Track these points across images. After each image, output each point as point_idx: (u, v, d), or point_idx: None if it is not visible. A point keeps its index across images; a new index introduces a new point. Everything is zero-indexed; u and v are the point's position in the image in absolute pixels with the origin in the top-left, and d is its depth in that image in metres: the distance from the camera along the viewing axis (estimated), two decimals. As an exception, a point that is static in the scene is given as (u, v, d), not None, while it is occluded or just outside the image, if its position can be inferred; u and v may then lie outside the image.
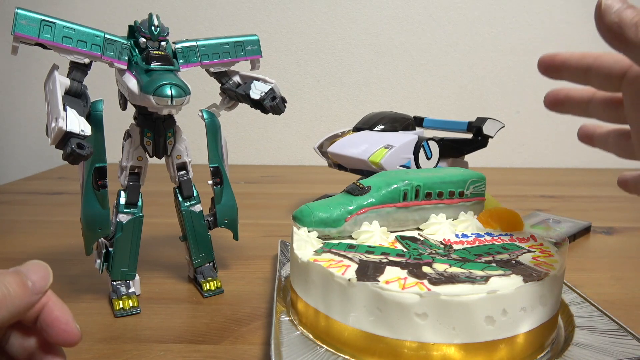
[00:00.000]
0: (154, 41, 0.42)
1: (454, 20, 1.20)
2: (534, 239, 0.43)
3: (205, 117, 0.49)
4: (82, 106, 0.39)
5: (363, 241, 0.42)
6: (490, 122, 0.69)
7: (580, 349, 0.35)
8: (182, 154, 0.47)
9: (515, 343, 0.33)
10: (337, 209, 0.43)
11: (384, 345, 0.33)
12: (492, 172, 0.73)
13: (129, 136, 0.45)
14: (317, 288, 0.36)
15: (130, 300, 0.45)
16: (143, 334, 0.42)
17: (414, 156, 0.65)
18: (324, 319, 0.36)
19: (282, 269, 0.49)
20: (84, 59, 0.41)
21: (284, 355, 0.34)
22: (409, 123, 0.72)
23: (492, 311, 0.32)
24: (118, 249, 0.45)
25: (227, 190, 0.50)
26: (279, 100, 0.49)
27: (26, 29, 0.37)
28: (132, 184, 0.45)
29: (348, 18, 1.21)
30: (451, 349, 0.32)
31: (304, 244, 0.40)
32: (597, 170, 1.18)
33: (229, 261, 0.57)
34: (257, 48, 0.49)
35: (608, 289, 0.50)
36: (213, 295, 0.49)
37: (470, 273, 0.35)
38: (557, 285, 0.35)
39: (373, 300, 0.33)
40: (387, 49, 1.22)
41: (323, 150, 0.72)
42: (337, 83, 1.24)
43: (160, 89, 0.39)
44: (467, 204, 0.48)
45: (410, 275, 0.34)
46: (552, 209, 0.82)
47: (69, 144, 0.35)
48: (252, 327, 0.43)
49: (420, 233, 0.45)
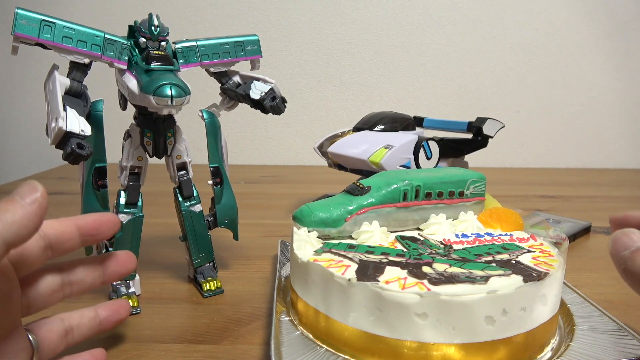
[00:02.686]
0: (154, 41, 0.42)
1: (454, 20, 1.20)
2: (534, 239, 0.43)
3: (205, 117, 0.49)
4: (82, 106, 0.40)
5: (363, 241, 0.42)
6: (490, 122, 0.69)
7: (580, 349, 0.35)
8: (182, 154, 0.47)
9: (515, 343, 0.33)
10: (337, 209, 0.43)
11: (384, 345, 0.33)
12: (492, 172, 0.73)
13: (129, 136, 0.45)
14: (317, 288, 0.36)
15: (130, 300, 0.45)
16: (143, 334, 0.42)
17: (414, 156, 0.65)
18: (324, 319, 0.36)
19: (282, 269, 0.49)
20: (84, 59, 0.41)
21: (284, 355, 0.34)
22: (409, 123, 0.72)
23: (492, 311, 0.32)
24: (118, 249, 0.45)
25: (227, 190, 0.50)
26: (279, 100, 0.49)
27: (26, 29, 0.37)
28: (132, 184, 0.45)
29: (348, 18, 1.21)
30: (451, 349, 0.32)
31: (304, 244, 0.40)
32: (597, 170, 1.18)
33: (229, 261, 0.57)
34: (257, 48, 0.49)
35: (608, 289, 0.50)
36: (213, 295, 0.49)
37: (470, 273, 0.35)
38: (557, 285, 0.35)
39: (373, 300, 0.33)
40: (387, 49, 1.22)
41: (323, 150, 0.72)
42: (337, 83, 1.24)
43: (160, 89, 0.39)
44: (467, 204, 0.48)
45: (410, 275, 0.34)
46: (552, 209, 0.82)
47: (69, 144, 0.35)
48: (252, 327, 0.43)
49: (420, 233, 0.45)
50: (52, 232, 0.30)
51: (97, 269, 0.34)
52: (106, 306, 0.36)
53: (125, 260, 0.36)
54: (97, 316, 0.35)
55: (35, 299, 0.31)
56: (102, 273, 0.34)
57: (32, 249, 0.29)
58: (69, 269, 0.33)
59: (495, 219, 0.46)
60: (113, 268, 0.35)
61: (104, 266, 0.34)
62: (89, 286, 0.34)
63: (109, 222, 0.33)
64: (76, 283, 0.33)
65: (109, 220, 0.33)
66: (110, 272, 0.35)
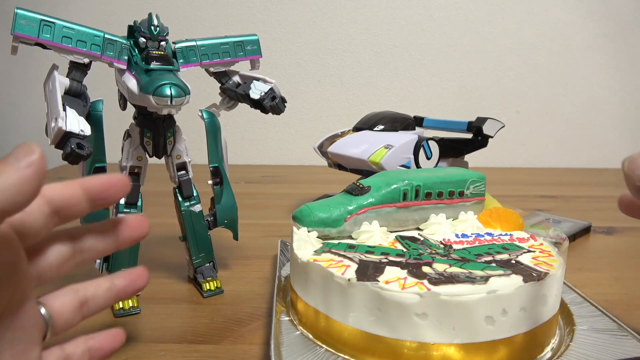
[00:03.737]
0: (153, 41, 0.42)
1: (454, 20, 1.20)
2: (534, 239, 0.43)
3: (205, 117, 0.49)
4: (81, 106, 0.40)
5: (363, 241, 0.42)
6: (490, 122, 0.69)
7: (580, 349, 0.35)
8: (182, 154, 0.47)
9: (515, 343, 0.33)
10: (337, 209, 0.43)
11: (383, 345, 0.33)
12: (492, 172, 0.73)
13: (128, 136, 0.45)
14: (317, 288, 0.36)
15: (130, 300, 0.45)
16: (143, 334, 0.41)
17: (414, 156, 0.65)
18: (324, 319, 0.36)
19: (282, 269, 0.49)
20: (83, 59, 0.41)
21: (284, 355, 0.34)
22: (409, 123, 0.72)
23: (492, 311, 0.32)
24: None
25: (227, 190, 0.50)
26: (278, 100, 0.48)
27: (26, 29, 0.37)
28: (131, 184, 0.45)
29: (348, 18, 1.21)
30: (451, 349, 0.32)
31: (304, 244, 0.40)
32: (597, 170, 1.17)
33: (229, 261, 0.57)
34: (257, 48, 0.49)
35: (608, 289, 0.50)
36: (213, 295, 0.49)
37: (470, 273, 0.35)
38: (557, 285, 0.35)
39: (373, 300, 0.33)
40: (387, 49, 1.22)
41: (323, 150, 0.72)
42: (337, 83, 1.24)
43: (160, 89, 0.39)
44: (467, 204, 0.48)
45: (410, 275, 0.34)
46: (552, 209, 0.82)
47: (69, 144, 0.35)
48: (252, 327, 0.43)
49: (420, 233, 0.45)
50: (57, 197, 0.28)
51: (110, 234, 0.32)
52: (123, 275, 0.34)
53: (137, 223, 0.33)
54: (113, 286, 0.33)
55: (44, 270, 0.29)
56: (116, 238, 0.32)
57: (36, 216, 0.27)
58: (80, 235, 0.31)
59: (495, 219, 0.46)
60: (127, 232, 0.33)
61: (117, 230, 0.32)
62: (101, 252, 0.32)
63: (118, 183, 0.31)
64: (88, 250, 0.31)
65: (119, 181, 0.31)
66: (124, 236, 0.33)
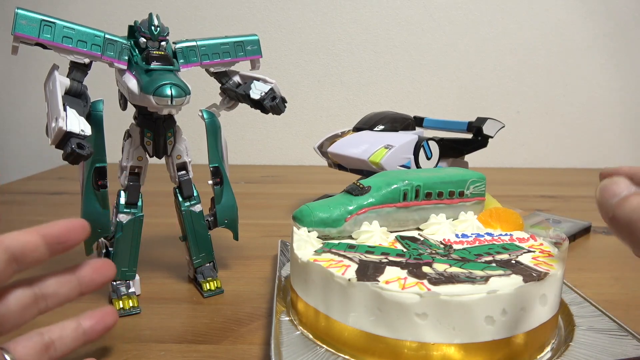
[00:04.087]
0: (154, 41, 0.42)
1: (454, 20, 1.20)
2: (534, 239, 0.43)
3: (205, 117, 0.49)
4: (82, 106, 0.39)
5: (363, 241, 0.42)
6: (490, 122, 0.69)
7: (580, 349, 0.35)
8: (182, 154, 0.47)
9: (515, 343, 0.33)
10: (337, 209, 0.43)
11: (384, 345, 0.33)
12: (492, 172, 0.73)
13: (129, 136, 0.45)
14: (317, 288, 0.36)
15: (130, 300, 0.45)
16: (143, 334, 0.42)
17: (414, 156, 0.65)
18: (324, 319, 0.36)
19: (282, 269, 0.49)
20: (84, 59, 0.41)
21: (284, 355, 0.34)
22: (409, 123, 0.72)
23: (492, 311, 0.32)
24: (118, 249, 0.45)
25: (227, 190, 0.50)
26: (279, 100, 0.48)
27: (26, 29, 0.37)
28: (132, 184, 0.45)
29: (348, 18, 1.21)
30: (451, 349, 0.32)
31: (304, 244, 0.40)
32: (597, 170, 1.17)
33: (229, 261, 0.57)
34: (257, 48, 0.49)
35: (608, 289, 0.50)
36: (213, 295, 0.49)
37: (470, 273, 0.35)
38: (557, 285, 0.35)
39: (373, 300, 0.33)
40: (387, 49, 1.22)
41: (323, 150, 0.72)
42: (337, 83, 1.24)
43: (160, 89, 0.39)
44: (467, 204, 0.48)
45: (410, 275, 0.34)
46: (552, 209, 0.82)
47: (69, 144, 0.35)
48: (252, 327, 0.43)
49: (420, 233, 0.45)
50: (14, 244, 0.28)
51: (71, 279, 0.32)
52: (90, 315, 0.34)
53: (101, 267, 0.33)
54: (79, 326, 0.33)
55: (6, 317, 0.29)
56: (78, 283, 0.32)
57: None
58: (40, 281, 0.31)
59: (495, 219, 0.46)
60: (89, 277, 0.33)
61: (79, 276, 0.32)
62: (65, 298, 0.32)
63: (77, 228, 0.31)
64: (50, 296, 0.31)
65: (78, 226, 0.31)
66: (87, 281, 0.33)
